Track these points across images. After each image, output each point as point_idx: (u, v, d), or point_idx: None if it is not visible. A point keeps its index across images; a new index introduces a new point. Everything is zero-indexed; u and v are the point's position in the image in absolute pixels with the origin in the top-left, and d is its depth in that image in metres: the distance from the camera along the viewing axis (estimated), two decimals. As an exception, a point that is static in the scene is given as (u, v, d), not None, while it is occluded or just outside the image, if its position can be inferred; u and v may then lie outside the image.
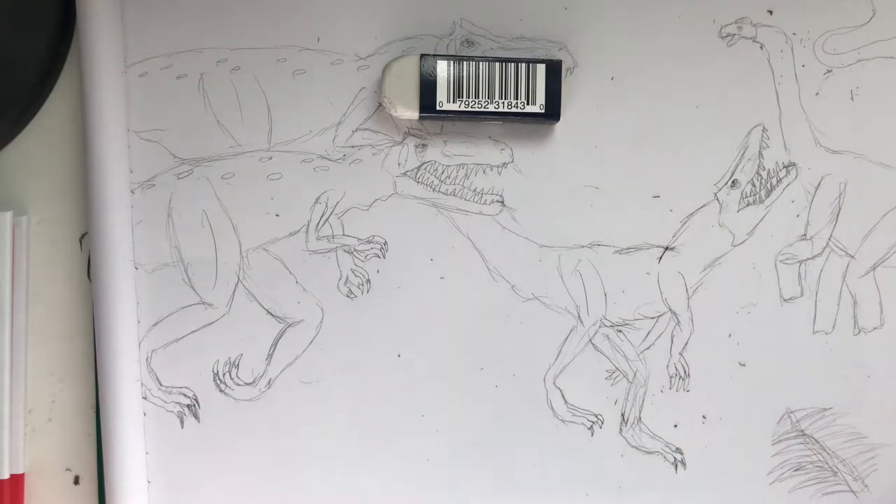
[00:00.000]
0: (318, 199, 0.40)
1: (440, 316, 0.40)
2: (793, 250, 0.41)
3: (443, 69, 0.39)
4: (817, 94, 0.41)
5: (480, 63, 0.39)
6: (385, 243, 0.40)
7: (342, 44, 0.40)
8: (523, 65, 0.39)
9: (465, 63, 0.39)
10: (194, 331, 0.40)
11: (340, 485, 0.40)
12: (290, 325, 0.40)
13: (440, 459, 0.40)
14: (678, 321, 0.41)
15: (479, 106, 0.39)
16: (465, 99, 0.39)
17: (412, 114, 0.39)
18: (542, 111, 0.39)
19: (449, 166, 0.40)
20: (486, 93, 0.39)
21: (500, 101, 0.39)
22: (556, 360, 0.40)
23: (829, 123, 0.41)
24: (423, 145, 0.40)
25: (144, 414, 0.40)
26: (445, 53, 0.40)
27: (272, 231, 0.40)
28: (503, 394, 0.40)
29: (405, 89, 0.39)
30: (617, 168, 0.41)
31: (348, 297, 0.40)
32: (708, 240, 0.41)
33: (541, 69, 0.39)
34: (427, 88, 0.39)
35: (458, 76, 0.39)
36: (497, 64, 0.39)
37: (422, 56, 0.39)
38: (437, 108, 0.39)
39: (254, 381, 0.40)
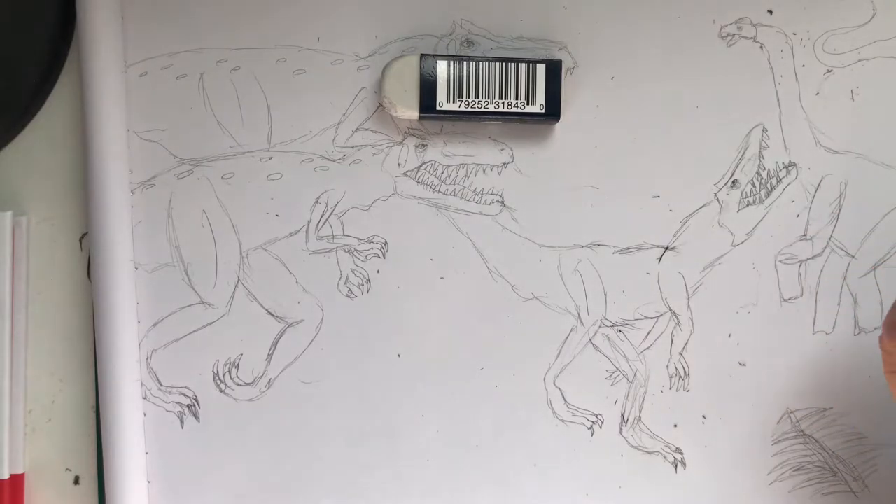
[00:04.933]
0: (318, 199, 0.40)
1: (440, 316, 0.40)
2: (793, 250, 0.41)
3: (443, 69, 0.39)
4: (817, 94, 0.41)
5: (480, 63, 0.39)
6: (385, 243, 0.40)
7: (342, 44, 0.40)
8: (523, 65, 0.39)
9: (465, 63, 0.39)
10: (194, 331, 0.40)
11: (340, 485, 0.40)
12: (290, 325, 0.40)
13: (440, 459, 0.40)
14: (678, 321, 0.41)
15: (479, 106, 0.39)
16: (465, 99, 0.39)
17: (412, 114, 0.39)
18: (542, 111, 0.39)
19: (449, 166, 0.40)
20: (486, 93, 0.39)
21: (500, 101, 0.39)
22: (556, 360, 0.40)
23: (830, 123, 0.41)
24: (423, 145, 0.40)
25: (144, 414, 0.40)
26: (445, 53, 0.40)
27: (272, 231, 0.40)
28: (503, 394, 0.40)
29: (405, 89, 0.39)
30: (617, 168, 0.41)
31: (348, 297, 0.40)
32: (708, 240, 0.41)
33: (541, 69, 0.39)
34: (427, 88, 0.39)
35: (458, 76, 0.39)
36: (497, 64, 0.39)
37: (422, 56, 0.39)
38: (437, 108, 0.39)
39: (254, 381, 0.40)
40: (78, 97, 0.40)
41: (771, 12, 0.41)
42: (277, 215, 0.40)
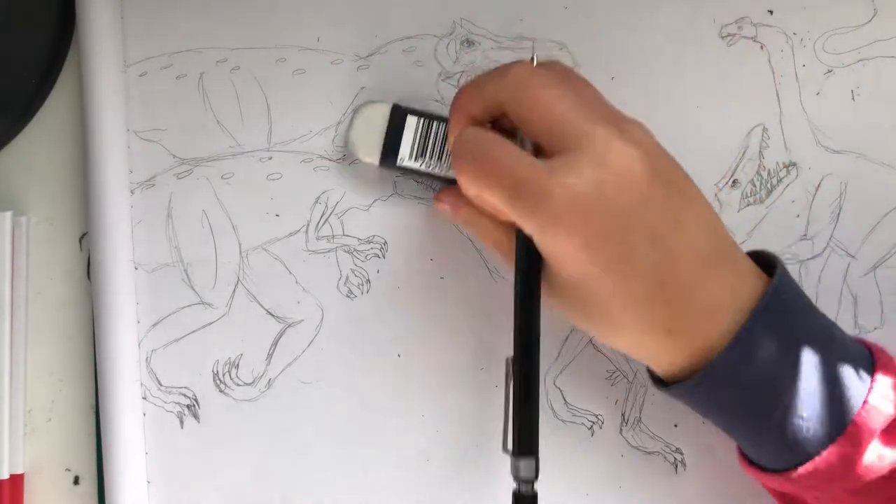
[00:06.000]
0: (318, 199, 0.40)
1: (440, 316, 0.40)
2: (793, 250, 0.41)
3: (411, 125, 0.38)
4: (818, 93, 0.41)
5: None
6: (385, 243, 0.40)
7: (342, 44, 0.40)
8: None
9: (434, 123, 0.38)
10: (194, 331, 0.40)
11: (340, 485, 0.40)
12: (290, 325, 0.40)
13: (440, 459, 0.40)
14: (678, 321, 0.40)
15: (441, 171, 0.38)
16: (426, 160, 0.38)
17: (373, 160, 0.39)
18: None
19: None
20: (447, 159, 0.38)
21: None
22: (556, 360, 0.40)
23: (830, 123, 0.41)
24: (423, 145, 0.40)
25: (144, 414, 0.40)
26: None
27: (272, 231, 0.40)
28: (503, 394, 0.40)
29: (371, 135, 0.38)
30: (617, 168, 0.40)
31: (348, 297, 0.40)
32: (708, 240, 0.41)
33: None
34: (391, 142, 0.38)
35: (425, 135, 0.38)
36: None
37: (394, 106, 0.38)
38: (398, 163, 0.38)
39: (254, 381, 0.40)
40: (78, 97, 0.40)
41: (771, 12, 0.41)
42: (277, 215, 0.40)
